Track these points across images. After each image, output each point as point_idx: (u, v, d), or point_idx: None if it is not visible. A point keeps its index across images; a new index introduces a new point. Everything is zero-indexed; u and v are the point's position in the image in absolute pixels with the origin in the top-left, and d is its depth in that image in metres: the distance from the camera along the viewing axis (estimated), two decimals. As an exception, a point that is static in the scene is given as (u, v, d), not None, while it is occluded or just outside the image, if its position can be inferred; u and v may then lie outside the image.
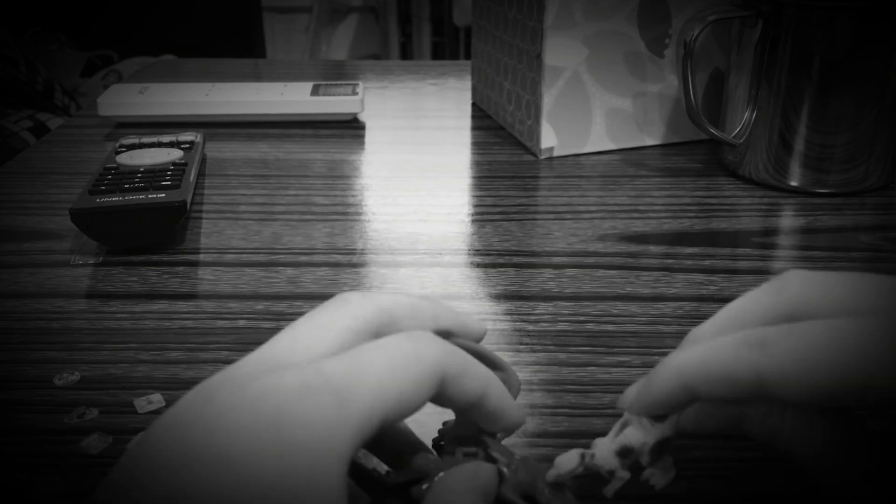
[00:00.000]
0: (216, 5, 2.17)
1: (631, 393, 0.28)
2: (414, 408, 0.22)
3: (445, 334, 0.27)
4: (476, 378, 0.24)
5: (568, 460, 0.27)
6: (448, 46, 2.59)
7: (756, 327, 0.25)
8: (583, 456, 0.27)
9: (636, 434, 0.28)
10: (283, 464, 0.19)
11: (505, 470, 0.26)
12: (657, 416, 0.27)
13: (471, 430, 0.28)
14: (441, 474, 0.25)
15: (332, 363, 0.21)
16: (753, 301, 0.27)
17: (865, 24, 0.51)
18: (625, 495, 0.29)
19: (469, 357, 0.25)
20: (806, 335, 0.23)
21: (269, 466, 0.19)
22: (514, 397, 0.28)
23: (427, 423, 0.28)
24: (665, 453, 0.28)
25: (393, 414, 0.21)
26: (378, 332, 0.25)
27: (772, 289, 0.26)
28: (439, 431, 0.29)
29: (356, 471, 0.27)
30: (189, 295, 0.44)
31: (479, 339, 0.28)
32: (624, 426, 0.28)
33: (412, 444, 0.28)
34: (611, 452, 0.28)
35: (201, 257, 0.48)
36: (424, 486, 0.25)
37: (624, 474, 0.27)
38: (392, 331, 0.25)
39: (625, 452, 0.27)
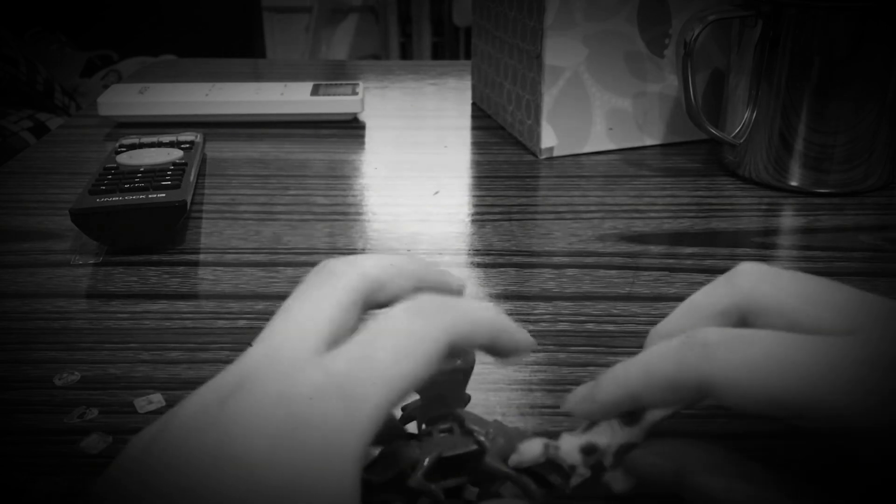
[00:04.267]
0: (216, 5, 2.17)
1: (577, 395, 0.27)
2: (421, 383, 0.22)
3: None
4: (484, 330, 0.24)
5: (531, 449, 0.27)
6: (448, 46, 2.59)
7: (706, 326, 0.25)
8: (546, 447, 0.27)
9: (604, 434, 0.27)
10: (297, 467, 0.19)
11: (483, 439, 0.26)
12: (627, 420, 0.27)
13: (438, 407, 0.28)
14: (433, 454, 0.26)
15: (338, 361, 0.22)
16: (707, 295, 0.28)
17: (865, 24, 0.51)
18: (627, 496, 0.29)
19: (472, 310, 0.25)
20: (752, 345, 0.23)
21: (283, 468, 0.19)
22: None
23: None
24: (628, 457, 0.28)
25: (400, 399, 0.22)
26: (367, 299, 0.25)
27: (725, 283, 0.27)
28: (402, 408, 0.29)
29: None
30: (189, 295, 0.44)
31: (459, 294, 0.28)
32: (592, 425, 0.27)
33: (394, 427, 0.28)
34: (575, 448, 0.27)
35: (201, 257, 0.48)
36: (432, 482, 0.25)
37: (584, 472, 0.27)
38: (381, 295, 0.25)
39: (589, 450, 0.27)
